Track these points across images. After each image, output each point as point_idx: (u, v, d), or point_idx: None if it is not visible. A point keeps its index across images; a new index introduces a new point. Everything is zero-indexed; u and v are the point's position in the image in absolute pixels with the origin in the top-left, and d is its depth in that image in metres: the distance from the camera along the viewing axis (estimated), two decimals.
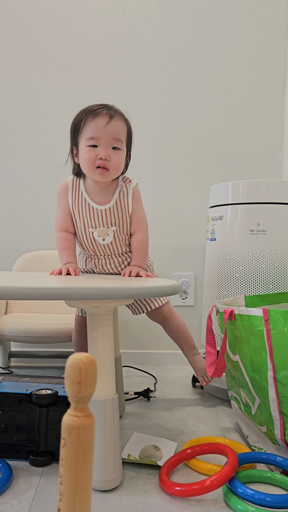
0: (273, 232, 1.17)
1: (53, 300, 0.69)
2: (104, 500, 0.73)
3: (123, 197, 1.05)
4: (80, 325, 1.13)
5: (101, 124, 0.97)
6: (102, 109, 0.99)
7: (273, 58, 1.61)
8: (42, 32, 1.59)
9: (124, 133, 1.02)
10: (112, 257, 1.08)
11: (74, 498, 0.34)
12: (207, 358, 1.02)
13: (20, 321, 1.35)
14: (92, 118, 0.98)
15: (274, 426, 0.83)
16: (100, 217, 1.04)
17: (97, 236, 1.05)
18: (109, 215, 1.04)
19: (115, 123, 0.98)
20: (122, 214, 1.05)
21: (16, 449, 0.86)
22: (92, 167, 0.99)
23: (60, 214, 1.07)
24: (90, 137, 0.98)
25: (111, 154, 0.98)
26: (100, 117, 0.97)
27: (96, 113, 0.98)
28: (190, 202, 1.63)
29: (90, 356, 0.36)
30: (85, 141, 0.99)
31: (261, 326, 0.83)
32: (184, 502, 0.73)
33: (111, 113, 0.99)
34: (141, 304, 1.12)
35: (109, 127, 0.97)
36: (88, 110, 1.00)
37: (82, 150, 1.00)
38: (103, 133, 0.97)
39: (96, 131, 0.97)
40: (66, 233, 1.07)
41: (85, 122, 0.99)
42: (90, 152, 0.98)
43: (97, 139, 0.97)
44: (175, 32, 1.60)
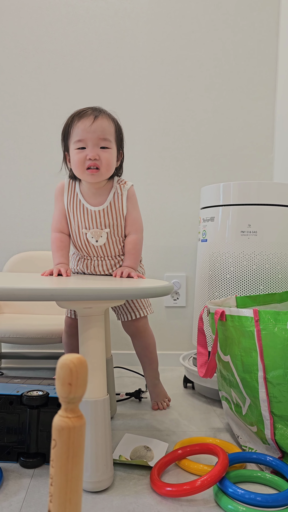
0: (264, 233, 1.18)
1: (45, 301, 0.69)
2: (95, 501, 0.73)
3: (117, 199, 1.05)
4: (70, 327, 1.12)
5: (86, 125, 0.97)
6: (87, 110, 1.00)
7: (264, 61, 1.62)
8: (33, 33, 1.58)
9: (112, 131, 1.01)
10: (105, 259, 1.09)
11: (64, 499, 0.34)
12: (199, 359, 1.03)
13: (11, 322, 1.35)
14: (77, 120, 0.99)
15: (264, 426, 0.84)
16: (94, 218, 1.04)
17: (90, 238, 1.05)
18: (103, 216, 1.04)
19: (100, 122, 0.98)
20: (116, 215, 1.05)
21: (7, 451, 0.85)
22: (82, 169, 0.99)
23: (56, 215, 1.08)
24: (77, 139, 0.99)
25: (99, 153, 0.98)
26: (84, 118, 0.98)
27: (81, 115, 0.99)
28: (182, 203, 1.63)
29: (81, 357, 0.36)
30: (73, 145, 1.00)
31: (251, 326, 0.84)
32: (175, 503, 0.73)
33: (96, 113, 0.99)
34: (129, 310, 1.13)
35: (94, 127, 0.97)
36: (75, 114, 1.01)
37: (72, 154, 1.01)
38: (89, 134, 0.97)
39: (82, 132, 0.98)
40: (61, 234, 1.07)
41: (72, 125, 1.00)
42: (79, 154, 0.99)
43: (84, 140, 0.98)
44: (167, 34, 1.60)
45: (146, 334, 1.16)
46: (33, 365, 1.60)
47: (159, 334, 1.61)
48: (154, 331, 1.19)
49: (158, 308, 1.62)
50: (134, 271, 1.03)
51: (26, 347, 1.59)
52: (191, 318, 1.63)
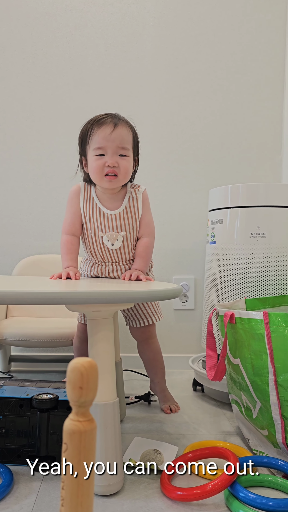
0: (273, 235, 1.17)
1: (54, 304, 0.69)
2: (105, 505, 0.73)
3: (133, 202, 1.07)
4: (83, 333, 1.13)
5: (107, 133, 0.99)
6: (107, 117, 1.01)
7: (272, 62, 1.62)
8: (41, 38, 1.59)
9: (130, 140, 1.04)
10: (119, 264, 1.09)
11: (76, 503, 0.34)
12: (208, 362, 1.02)
13: (20, 326, 1.35)
14: (97, 128, 1.00)
15: (275, 429, 0.83)
16: (110, 222, 1.05)
17: (106, 241, 1.06)
18: (119, 220, 1.06)
19: (120, 131, 1.00)
20: (132, 219, 1.07)
21: (17, 454, 0.86)
22: (100, 175, 1.01)
23: (69, 217, 1.08)
24: (97, 146, 1.00)
25: (118, 160, 1.01)
26: (105, 126, 1.00)
27: (101, 123, 1.00)
28: (190, 205, 1.63)
29: (92, 360, 0.36)
30: (92, 151, 1.01)
31: (261, 329, 0.83)
32: (186, 507, 0.72)
33: (115, 121, 1.01)
34: (139, 317, 1.13)
35: (114, 135, 0.99)
36: (93, 120, 1.03)
37: (91, 160, 1.02)
38: (109, 142, 0.99)
39: (102, 140, 1.00)
40: (73, 236, 1.08)
41: (91, 132, 1.02)
42: (98, 161, 1.01)
43: (104, 148, 1.00)
44: (174, 37, 1.61)
45: (154, 340, 1.17)
46: (43, 368, 1.61)
47: (168, 337, 1.61)
48: (163, 333, 1.19)
49: (167, 310, 1.62)
50: (143, 274, 1.03)
51: (35, 350, 1.60)
52: (200, 320, 1.63)
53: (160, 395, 1.20)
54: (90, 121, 1.04)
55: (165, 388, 1.20)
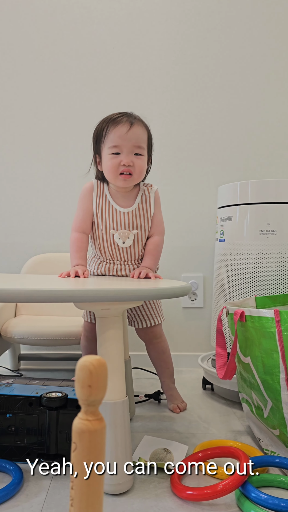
0: (283, 232, 1.16)
1: (63, 302, 0.69)
2: (115, 504, 0.72)
3: (146, 201, 1.07)
4: (90, 332, 1.13)
5: (122, 132, 0.99)
6: (122, 116, 1.01)
7: (282, 56, 1.60)
8: (48, 36, 1.59)
9: (145, 139, 1.04)
10: (128, 263, 1.09)
11: (86, 503, 0.34)
12: (218, 360, 1.01)
13: (29, 324, 1.35)
14: (113, 127, 1.00)
15: (287, 429, 0.82)
16: (123, 219, 1.05)
17: (117, 239, 1.06)
18: (132, 218, 1.06)
19: (135, 130, 1.01)
20: (144, 217, 1.07)
21: (27, 452, 0.86)
22: (115, 174, 1.02)
23: (80, 214, 1.08)
24: (112, 145, 1.00)
25: (133, 160, 1.01)
26: (121, 125, 1.00)
27: (117, 121, 1.01)
28: (199, 203, 1.62)
29: (101, 359, 0.35)
30: (108, 149, 1.01)
31: (272, 327, 0.82)
32: (196, 507, 0.72)
33: (131, 120, 1.01)
34: (141, 318, 1.13)
35: (130, 134, 1.00)
36: (109, 119, 1.02)
37: (106, 158, 1.02)
38: (125, 141, 1.00)
39: (118, 139, 1.00)
40: (82, 234, 1.08)
41: (107, 131, 1.02)
42: (114, 159, 1.01)
43: (119, 146, 1.00)
44: (182, 32, 1.59)
45: (162, 339, 1.17)
46: (52, 366, 1.61)
47: (177, 335, 1.60)
48: (172, 332, 1.19)
49: (175, 309, 1.61)
50: (152, 272, 1.02)
51: (44, 348, 1.60)
52: (209, 319, 1.62)
53: (167, 394, 1.19)
54: (105, 119, 1.04)
55: (172, 388, 1.19)
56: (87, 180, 1.62)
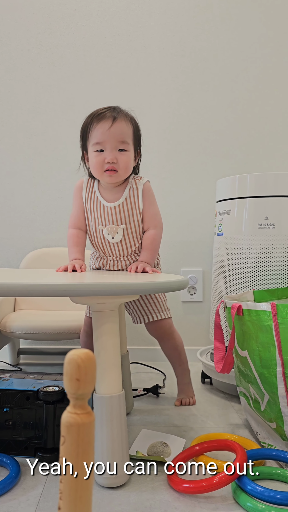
0: (282, 226, 1.15)
1: (58, 296, 0.68)
2: (112, 497, 0.73)
3: (133, 194, 1.05)
4: (89, 327, 1.12)
5: (105, 128, 0.98)
6: (106, 112, 0.99)
7: (281, 49, 1.58)
8: (46, 28, 1.58)
9: (130, 133, 1.01)
10: (121, 259, 1.08)
11: (74, 496, 0.34)
12: (216, 354, 1.01)
13: (28, 319, 1.36)
14: (96, 123, 0.99)
15: (283, 422, 0.82)
16: (109, 214, 1.04)
17: (106, 234, 1.05)
18: (118, 212, 1.04)
19: (118, 125, 0.98)
20: (131, 211, 1.04)
21: (24, 446, 0.86)
22: (100, 171, 1.00)
23: (75, 211, 1.09)
24: (96, 142, 0.99)
25: (117, 156, 0.99)
26: (103, 121, 0.98)
27: (100, 117, 0.99)
28: (197, 196, 1.61)
29: (89, 352, 0.35)
30: (92, 147, 1.00)
31: (269, 321, 0.82)
32: (193, 499, 0.72)
33: (114, 115, 0.98)
34: (142, 313, 1.12)
35: (113, 130, 0.97)
36: (93, 115, 1.01)
37: (91, 156, 1.02)
38: (108, 137, 0.98)
39: (101, 135, 0.98)
40: (78, 230, 1.08)
41: (91, 127, 1.00)
42: (98, 157, 0.99)
43: (103, 143, 0.99)
44: (180, 24, 1.58)
45: (173, 336, 1.15)
46: (51, 361, 1.61)
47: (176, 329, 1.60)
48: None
49: (175, 303, 1.61)
50: (149, 266, 1.02)
51: (43, 343, 1.60)
52: (208, 313, 1.61)
53: (179, 388, 1.19)
54: (90, 115, 1.02)
55: (184, 382, 1.18)
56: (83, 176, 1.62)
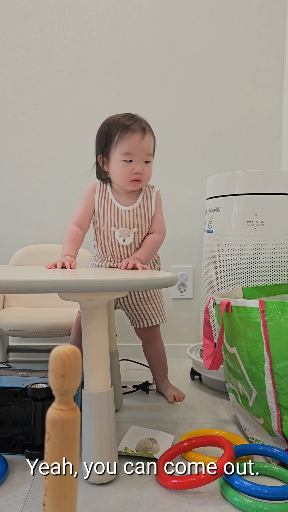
0: (271, 223, 1.16)
1: (46, 293, 0.68)
2: (100, 493, 0.73)
3: (147, 201, 1.10)
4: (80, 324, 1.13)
5: (136, 141, 1.02)
6: (135, 124, 1.02)
7: (271, 47, 1.58)
8: (35, 23, 1.56)
9: (153, 146, 1.08)
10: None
11: (59, 492, 0.34)
12: (205, 351, 1.02)
13: (17, 316, 1.35)
14: (128, 135, 1.02)
15: (271, 418, 0.83)
16: (124, 217, 1.08)
17: (117, 236, 1.08)
18: (133, 216, 1.08)
19: (148, 139, 1.04)
20: (145, 216, 1.09)
21: (12, 443, 0.86)
22: (127, 180, 1.05)
23: (81, 209, 1.10)
24: (126, 152, 1.02)
25: (144, 167, 1.04)
26: (135, 133, 1.02)
27: (131, 129, 1.02)
28: (188, 194, 1.61)
29: (74, 348, 0.35)
30: (120, 156, 1.03)
31: (257, 317, 0.83)
32: (180, 495, 0.72)
33: (143, 127, 1.03)
34: (142, 317, 1.15)
35: (143, 143, 1.03)
36: (121, 124, 1.03)
37: (117, 164, 1.04)
38: (138, 149, 1.02)
39: (132, 147, 1.02)
40: (79, 228, 1.09)
41: (120, 136, 1.02)
42: (126, 167, 1.03)
43: (132, 154, 1.03)
44: (171, 21, 1.57)
45: (157, 340, 1.20)
46: (41, 358, 1.61)
47: (166, 327, 1.60)
48: (161, 323, 1.19)
49: (165, 300, 1.60)
50: (140, 263, 1.02)
51: (33, 340, 1.60)
52: (198, 310, 1.62)
53: (162, 387, 1.21)
54: (115, 122, 1.03)
55: (168, 384, 1.22)
56: (75, 171, 1.61)
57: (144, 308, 1.15)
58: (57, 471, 0.33)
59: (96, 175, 1.13)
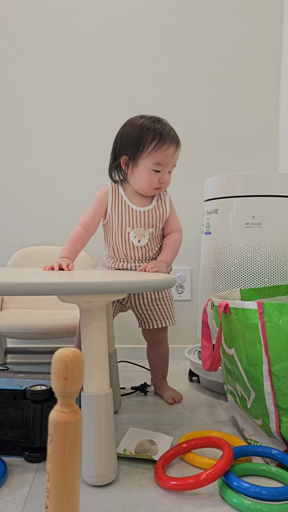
0: (268, 225, 1.16)
1: (46, 295, 0.68)
2: (99, 495, 0.73)
3: (161, 203, 1.13)
4: None
5: (170, 154, 1.05)
6: (170, 136, 1.05)
7: (268, 49, 1.60)
8: (33, 25, 1.57)
9: None
10: (142, 262, 1.11)
11: (61, 495, 0.34)
12: (203, 352, 1.02)
13: (15, 317, 1.35)
14: (165, 147, 1.04)
15: (269, 419, 0.83)
16: (139, 218, 1.09)
17: (132, 237, 1.09)
18: (148, 217, 1.09)
19: (178, 153, 1.08)
20: (159, 218, 1.11)
21: (11, 446, 0.85)
22: (151, 188, 1.08)
23: (91, 212, 1.10)
24: (158, 163, 1.05)
25: (168, 177, 1.09)
26: (171, 147, 1.05)
27: (167, 142, 1.04)
28: (185, 195, 1.62)
29: (77, 351, 0.35)
30: (151, 164, 1.05)
31: (255, 319, 0.83)
32: (180, 496, 0.72)
33: (177, 142, 1.07)
34: (152, 318, 1.15)
35: (175, 156, 1.07)
36: (157, 133, 1.03)
37: (145, 171, 1.06)
38: (169, 162, 1.07)
39: (165, 159, 1.05)
40: (85, 231, 1.09)
41: (157, 147, 1.03)
42: (155, 176, 1.06)
43: (163, 165, 1.06)
44: (169, 23, 1.58)
45: (164, 344, 1.21)
46: (39, 360, 1.60)
47: None
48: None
49: None
50: (159, 267, 1.03)
51: (31, 342, 1.59)
52: (196, 311, 1.62)
53: (160, 389, 1.21)
54: (150, 130, 1.04)
55: (166, 386, 1.22)
56: (73, 173, 1.61)
57: (154, 309, 1.15)
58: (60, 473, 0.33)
59: (109, 174, 1.13)
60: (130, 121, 1.09)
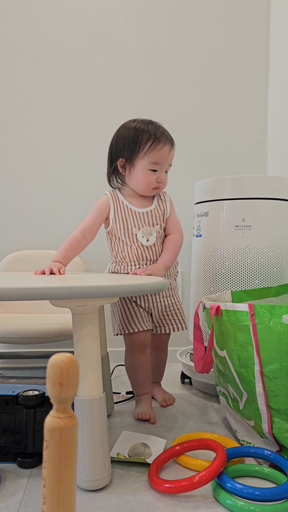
0: (258, 228, 1.18)
1: (38, 300, 0.68)
2: (93, 500, 0.73)
3: (162, 203, 1.15)
4: None
5: (166, 152, 1.07)
6: (164, 136, 1.07)
7: (256, 54, 1.62)
8: (22, 29, 1.56)
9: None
10: (153, 263, 1.10)
11: (57, 500, 0.34)
12: (195, 354, 1.03)
13: (7, 322, 1.33)
14: (160, 146, 1.06)
15: (261, 420, 0.84)
16: (143, 219, 1.10)
17: (140, 237, 1.09)
18: (151, 217, 1.11)
19: (173, 151, 1.10)
20: (161, 217, 1.13)
21: (4, 452, 0.85)
22: (149, 188, 1.09)
23: (91, 219, 1.10)
24: (154, 162, 1.06)
25: (165, 177, 1.11)
26: (166, 146, 1.07)
27: (162, 141, 1.06)
28: (176, 198, 1.61)
29: (71, 356, 0.35)
30: (148, 164, 1.06)
31: (247, 321, 0.84)
32: (174, 499, 0.73)
33: (172, 141, 1.09)
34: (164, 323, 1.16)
35: (170, 155, 1.09)
36: (152, 134, 1.05)
37: (143, 172, 1.07)
38: (165, 160, 1.08)
39: (161, 158, 1.07)
40: (83, 237, 1.09)
41: (152, 146, 1.05)
42: (152, 175, 1.07)
43: (160, 164, 1.07)
44: (157, 28, 1.59)
45: (166, 349, 1.23)
46: (30, 364, 1.59)
47: None
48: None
49: None
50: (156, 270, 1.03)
51: (22, 346, 1.58)
52: (187, 314, 1.63)
53: (154, 393, 1.22)
54: (145, 131, 1.06)
55: (159, 389, 1.22)
56: (63, 177, 1.61)
57: (171, 313, 1.16)
58: (56, 479, 0.33)
59: (108, 180, 1.14)
60: (124, 125, 1.10)
